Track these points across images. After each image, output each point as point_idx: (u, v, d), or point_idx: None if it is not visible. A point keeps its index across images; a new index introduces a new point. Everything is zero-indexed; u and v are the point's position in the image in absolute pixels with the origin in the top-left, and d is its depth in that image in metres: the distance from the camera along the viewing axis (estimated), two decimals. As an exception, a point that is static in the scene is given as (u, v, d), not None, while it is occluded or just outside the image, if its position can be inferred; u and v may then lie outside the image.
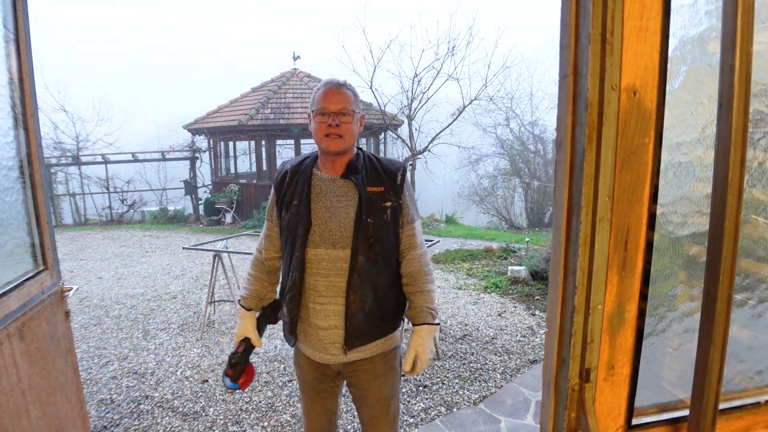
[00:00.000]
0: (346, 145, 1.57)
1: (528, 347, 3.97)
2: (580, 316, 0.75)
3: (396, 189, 1.62)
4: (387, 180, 1.61)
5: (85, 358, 3.87)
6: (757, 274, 0.92)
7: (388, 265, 1.63)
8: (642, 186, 0.74)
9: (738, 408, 0.86)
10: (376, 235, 1.57)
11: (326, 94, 1.56)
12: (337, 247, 1.57)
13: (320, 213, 1.59)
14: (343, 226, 1.57)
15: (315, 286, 1.59)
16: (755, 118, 0.84)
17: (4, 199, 1.63)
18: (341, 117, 1.55)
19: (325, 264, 1.58)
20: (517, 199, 16.72)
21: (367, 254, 1.56)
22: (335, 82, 1.59)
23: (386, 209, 1.59)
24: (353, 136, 1.60)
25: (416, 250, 1.66)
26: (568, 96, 0.73)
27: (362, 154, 1.67)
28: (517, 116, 17.23)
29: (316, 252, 1.58)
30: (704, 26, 0.76)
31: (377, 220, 1.57)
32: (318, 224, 1.58)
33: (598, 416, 0.79)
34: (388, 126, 12.64)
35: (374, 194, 1.58)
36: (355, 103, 1.60)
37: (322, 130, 1.55)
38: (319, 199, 1.61)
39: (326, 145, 1.55)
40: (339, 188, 1.60)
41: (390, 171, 1.63)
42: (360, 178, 1.59)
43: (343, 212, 1.58)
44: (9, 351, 1.49)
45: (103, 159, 12.81)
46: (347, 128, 1.56)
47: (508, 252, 7.38)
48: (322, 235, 1.58)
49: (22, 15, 1.68)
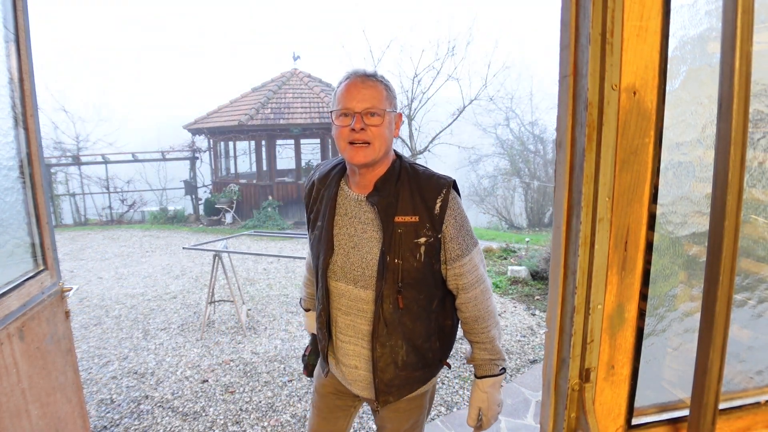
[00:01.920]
0: (375, 155, 1.23)
1: (528, 347, 3.97)
2: (580, 316, 0.75)
3: (434, 219, 1.25)
4: (424, 205, 1.25)
5: (85, 358, 3.87)
6: (757, 274, 0.92)
7: (428, 311, 1.33)
8: (642, 186, 0.74)
9: (738, 408, 0.86)
10: (407, 278, 1.26)
11: (349, 89, 1.23)
12: (359, 286, 1.30)
13: (343, 240, 1.32)
14: (365, 263, 1.28)
15: (337, 320, 1.37)
16: (755, 118, 0.84)
17: (4, 199, 1.63)
18: (369, 118, 1.22)
19: (345, 301, 1.34)
20: (517, 199, 16.73)
21: (396, 300, 1.26)
22: (361, 73, 1.26)
23: (419, 246, 1.25)
24: (386, 143, 1.25)
25: (468, 292, 1.32)
26: (568, 96, 0.73)
27: (399, 166, 1.31)
28: (517, 116, 17.24)
29: (337, 285, 1.34)
30: (704, 26, 0.76)
31: (408, 260, 1.25)
32: (341, 254, 1.32)
33: (598, 416, 0.79)
34: (388, 126, 12.62)
35: (404, 226, 1.24)
36: (387, 99, 1.26)
37: (345, 135, 1.23)
38: (343, 222, 1.33)
39: (350, 156, 1.24)
40: (365, 213, 1.30)
41: (429, 192, 1.26)
42: (385, 206, 1.25)
43: (367, 245, 1.28)
44: (9, 351, 1.49)
45: (103, 159, 12.81)
46: (377, 133, 1.22)
47: (508, 252, 7.38)
48: (343, 267, 1.32)
49: (22, 15, 1.68)
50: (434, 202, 1.25)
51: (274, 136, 12.12)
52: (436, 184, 1.27)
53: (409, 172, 1.30)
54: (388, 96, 1.27)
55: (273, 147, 12.26)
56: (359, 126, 1.21)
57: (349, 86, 1.24)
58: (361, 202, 1.31)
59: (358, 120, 1.21)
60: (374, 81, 1.25)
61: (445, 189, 1.26)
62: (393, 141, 1.31)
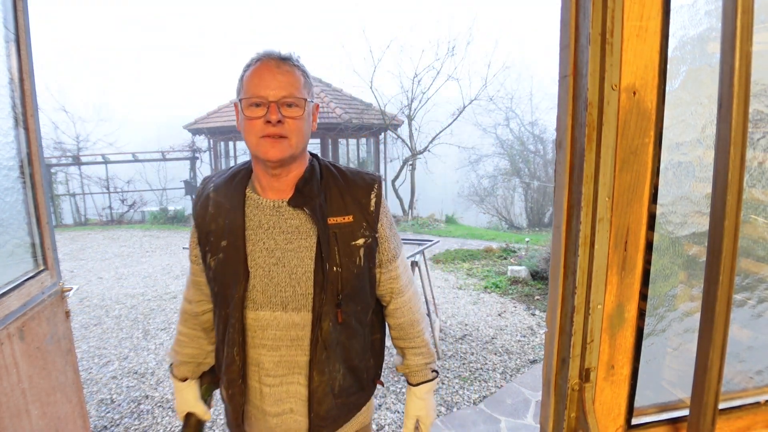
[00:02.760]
0: (293, 150, 1.05)
1: (528, 347, 3.97)
2: (579, 316, 0.75)
3: (370, 217, 1.13)
4: (356, 204, 1.12)
5: (86, 358, 3.87)
6: (756, 274, 0.92)
7: (363, 324, 1.19)
8: (642, 186, 0.74)
9: (738, 408, 0.86)
10: (346, 288, 1.10)
11: (261, 75, 1.03)
12: (290, 309, 1.10)
13: (261, 258, 1.10)
14: (296, 278, 1.09)
15: (260, 361, 1.13)
16: (755, 118, 0.84)
17: (4, 199, 1.63)
18: (285, 109, 1.03)
19: (272, 332, 1.11)
20: (517, 199, 16.72)
21: (335, 316, 1.10)
22: (275, 56, 1.06)
23: (358, 249, 1.11)
24: (304, 138, 1.08)
25: (403, 295, 1.22)
26: (568, 96, 0.73)
27: (318, 165, 1.16)
28: (517, 116, 17.23)
29: (258, 316, 1.11)
30: (704, 26, 0.76)
31: (347, 267, 1.10)
32: (259, 275, 1.10)
33: (597, 416, 0.79)
34: (388, 126, 12.64)
35: (339, 228, 1.10)
36: (305, 87, 1.07)
37: (257, 129, 1.03)
38: (258, 237, 1.10)
39: (263, 151, 1.04)
40: (287, 220, 1.10)
41: (360, 189, 1.14)
42: (316, 206, 1.09)
43: (295, 257, 1.09)
44: (9, 351, 1.49)
45: (104, 159, 12.81)
46: (295, 126, 1.04)
47: (508, 252, 7.38)
48: (265, 291, 1.10)
49: (23, 15, 1.68)
50: (368, 198, 1.13)
51: (274, 136, 12.10)
52: (366, 180, 1.15)
53: (331, 170, 1.16)
54: (306, 83, 1.08)
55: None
56: (275, 117, 1.01)
57: (260, 70, 1.04)
58: (280, 208, 1.11)
59: (274, 110, 1.01)
60: (291, 66, 1.06)
61: (377, 184, 1.16)
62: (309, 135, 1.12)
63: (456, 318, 4.70)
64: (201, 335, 1.30)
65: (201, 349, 1.30)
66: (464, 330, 4.38)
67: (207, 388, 1.33)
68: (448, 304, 5.12)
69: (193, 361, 1.30)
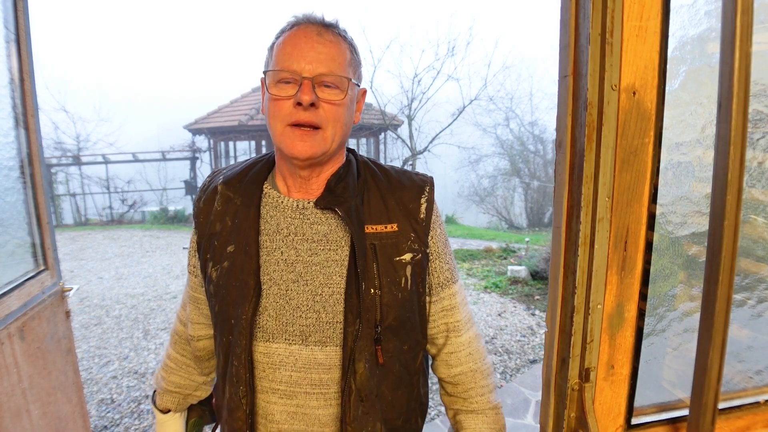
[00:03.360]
0: (327, 146, 0.83)
1: (528, 347, 3.97)
2: (579, 316, 0.75)
3: (419, 226, 0.89)
4: (402, 210, 0.89)
5: (86, 358, 3.87)
6: (756, 274, 0.92)
7: (411, 371, 0.92)
8: (642, 186, 0.74)
9: (737, 407, 0.86)
10: (388, 317, 0.85)
11: (295, 42, 0.81)
12: (312, 342, 0.85)
13: (277, 272, 0.86)
14: (322, 301, 0.85)
15: (268, 411, 0.88)
16: (754, 119, 0.84)
17: (4, 199, 1.63)
18: (323, 90, 0.81)
19: (286, 374, 0.86)
20: (517, 199, 16.73)
21: (374, 356, 0.85)
22: (317, 21, 0.83)
23: (404, 267, 0.86)
24: (343, 130, 0.85)
25: (461, 335, 0.94)
26: (567, 96, 0.73)
27: (356, 162, 0.94)
28: (517, 116, 17.24)
29: (270, 349, 0.86)
30: (703, 26, 0.76)
31: (389, 290, 0.85)
32: (273, 294, 0.86)
33: (597, 416, 0.79)
34: (388, 126, 12.64)
35: (380, 238, 0.86)
36: (352, 65, 0.85)
37: (284, 112, 0.81)
38: (275, 244, 0.87)
39: (289, 144, 0.82)
40: (312, 225, 0.87)
41: (407, 192, 0.90)
42: (351, 208, 0.85)
43: (321, 273, 0.85)
44: (10, 351, 1.49)
45: (104, 159, 12.82)
46: (333, 113, 0.82)
47: (508, 252, 7.38)
48: (280, 315, 0.85)
49: (23, 15, 1.68)
50: (417, 203, 0.90)
51: (275, 136, 12.12)
52: (415, 181, 0.93)
53: (371, 167, 0.94)
54: (353, 60, 0.85)
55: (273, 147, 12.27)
56: (308, 99, 0.78)
57: (296, 38, 0.81)
58: (306, 210, 0.88)
59: (307, 89, 0.78)
60: (335, 35, 0.83)
61: (428, 187, 0.93)
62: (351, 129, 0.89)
63: (456, 318, 4.70)
64: (191, 364, 1.06)
65: (190, 380, 1.06)
66: (464, 330, 4.39)
67: (195, 423, 1.11)
68: (448, 304, 5.12)
69: (179, 391, 1.07)
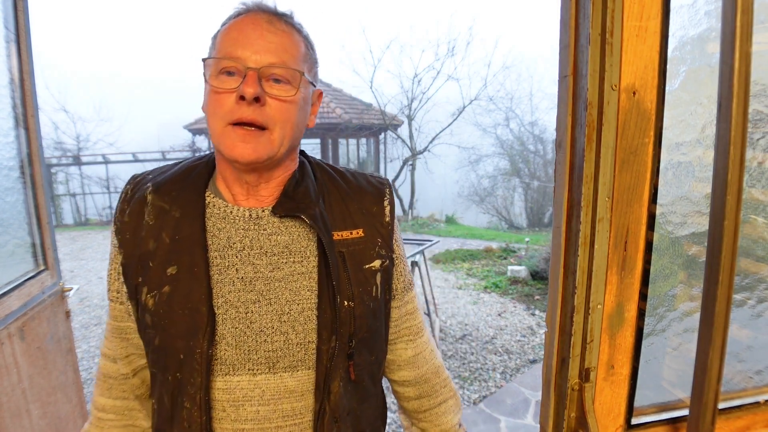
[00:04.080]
0: (274, 149, 0.73)
1: (528, 347, 3.97)
2: (579, 316, 0.75)
3: (385, 231, 0.84)
4: (366, 214, 0.83)
5: (86, 358, 3.87)
6: (756, 274, 0.92)
7: (376, 380, 0.87)
8: (642, 186, 0.74)
9: (737, 407, 0.86)
10: (361, 330, 0.78)
11: (242, 28, 0.72)
12: (280, 369, 0.75)
13: (233, 294, 0.75)
14: (290, 320, 0.75)
15: None
16: (754, 119, 0.84)
17: (5, 199, 1.63)
18: (271, 84, 0.71)
19: (253, 409, 0.75)
20: (517, 199, 16.73)
21: (347, 373, 0.78)
22: (268, 9, 0.74)
23: (374, 274, 0.80)
24: (293, 131, 0.75)
25: (422, 335, 0.92)
26: (567, 96, 0.73)
27: (308, 164, 0.86)
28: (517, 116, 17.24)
29: (231, 384, 0.75)
30: (703, 26, 0.76)
31: (361, 300, 0.78)
32: (231, 319, 0.74)
33: (597, 416, 0.79)
34: (388, 126, 12.65)
35: (347, 245, 0.79)
36: (305, 59, 0.75)
37: (224, 109, 0.71)
38: (228, 261, 0.76)
39: (229, 146, 0.71)
40: (270, 236, 0.78)
41: (368, 195, 0.85)
42: (317, 214, 0.77)
43: (287, 289, 0.76)
44: (10, 351, 1.49)
45: (104, 159, 12.83)
46: (281, 111, 0.72)
47: (508, 252, 7.39)
48: (241, 343, 0.74)
49: (23, 15, 1.68)
50: (381, 206, 0.84)
51: (275, 136, 12.13)
52: (374, 184, 0.86)
53: (326, 170, 0.86)
54: (308, 55, 0.76)
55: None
56: (252, 91, 0.68)
57: (242, 24, 0.72)
58: (260, 220, 0.77)
59: (252, 81, 0.68)
60: (287, 25, 0.74)
61: (388, 189, 0.87)
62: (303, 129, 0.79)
63: (456, 318, 4.70)
64: (135, 406, 0.87)
65: (136, 428, 0.87)
66: (464, 330, 4.39)
67: None
68: (448, 304, 5.12)
69: None
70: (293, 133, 0.75)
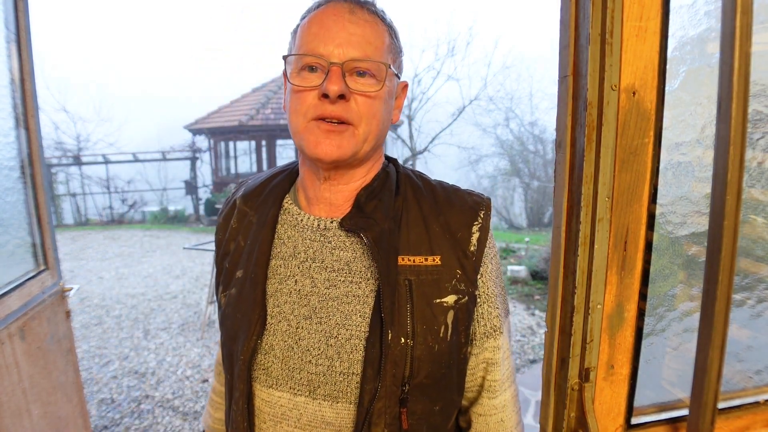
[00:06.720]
0: (357, 146, 0.69)
1: (528, 347, 3.97)
2: (579, 316, 0.75)
3: (468, 261, 0.73)
4: (449, 239, 0.73)
5: (86, 358, 3.87)
6: (756, 274, 0.92)
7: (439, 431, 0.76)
8: (641, 186, 0.74)
9: (737, 407, 0.86)
10: (419, 375, 0.69)
11: (323, 22, 0.68)
12: (320, 396, 0.70)
13: (288, 305, 0.73)
14: (337, 346, 0.70)
15: None
16: (754, 119, 0.85)
17: (5, 199, 1.63)
18: (355, 79, 0.68)
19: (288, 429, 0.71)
20: (517, 199, 16.72)
21: (397, 420, 0.68)
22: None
23: (445, 311, 0.70)
24: (379, 128, 0.71)
25: (496, 396, 0.78)
26: (567, 96, 0.73)
27: (394, 174, 0.79)
28: (517, 116, 17.24)
29: (272, 397, 0.72)
30: (703, 27, 0.76)
31: (424, 340, 0.69)
32: (281, 331, 0.72)
33: (597, 416, 0.79)
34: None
35: (418, 273, 0.71)
36: (390, 50, 0.71)
37: (306, 106, 0.68)
38: (289, 271, 0.74)
39: (312, 144, 0.68)
40: (334, 250, 0.73)
41: (456, 215, 0.75)
42: (382, 234, 0.70)
43: (339, 312, 0.71)
44: (10, 350, 1.49)
45: (104, 159, 12.83)
46: (367, 107, 0.69)
47: (508, 252, 7.38)
48: (287, 359, 0.71)
49: (23, 15, 1.68)
50: (467, 232, 0.73)
51: (275, 136, 12.13)
52: (468, 203, 0.76)
53: (414, 182, 0.78)
54: (393, 47, 0.72)
55: (273, 147, 12.27)
56: (336, 89, 0.65)
57: (323, 17, 0.68)
58: (327, 232, 0.74)
59: (336, 77, 0.65)
60: (371, 14, 0.70)
61: (483, 211, 0.76)
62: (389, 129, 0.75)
63: (456, 318, 4.71)
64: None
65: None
66: (464, 330, 4.39)
67: None
68: (448, 304, 5.12)
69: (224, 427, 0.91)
70: (379, 129, 0.71)
